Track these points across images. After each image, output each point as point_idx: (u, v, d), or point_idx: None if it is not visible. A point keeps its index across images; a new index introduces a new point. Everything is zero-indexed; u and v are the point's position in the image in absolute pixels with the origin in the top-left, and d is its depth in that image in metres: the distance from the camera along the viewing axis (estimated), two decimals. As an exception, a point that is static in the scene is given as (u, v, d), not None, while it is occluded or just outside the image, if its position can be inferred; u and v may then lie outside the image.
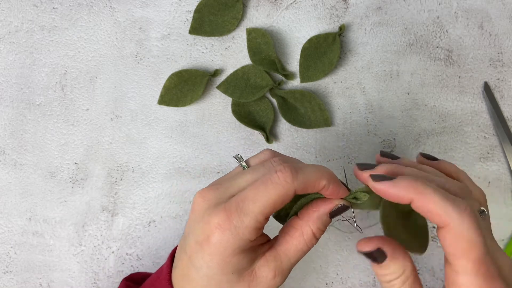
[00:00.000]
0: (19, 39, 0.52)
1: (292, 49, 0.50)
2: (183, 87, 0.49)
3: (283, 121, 0.48)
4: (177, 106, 0.49)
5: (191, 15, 0.50)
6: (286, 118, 0.47)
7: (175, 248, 0.33)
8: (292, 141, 0.48)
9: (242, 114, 0.48)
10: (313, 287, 0.45)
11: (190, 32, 0.50)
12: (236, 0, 0.50)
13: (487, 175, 0.46)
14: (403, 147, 0.47)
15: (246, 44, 0.49)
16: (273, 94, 0.48)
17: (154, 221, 0.47)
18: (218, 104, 0.49)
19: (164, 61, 0.50)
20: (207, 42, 0.50)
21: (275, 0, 0.51)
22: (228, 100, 0.49)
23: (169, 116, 0.49)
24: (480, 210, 0.28)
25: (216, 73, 0.49)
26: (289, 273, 0.30)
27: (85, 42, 0.51)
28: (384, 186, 0.26)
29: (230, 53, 0.50)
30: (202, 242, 0.28)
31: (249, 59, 0.49)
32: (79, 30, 0.52)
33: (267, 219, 0.28)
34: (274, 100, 0.48)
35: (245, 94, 0.48)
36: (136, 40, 0.51)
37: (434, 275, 0.44)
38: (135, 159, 0.48)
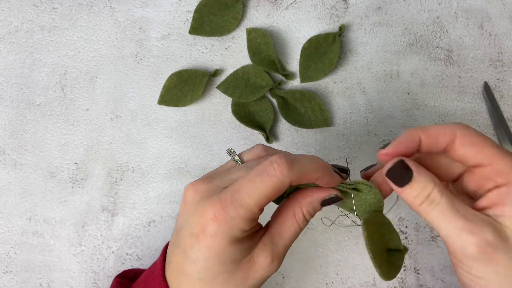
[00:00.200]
0: (19, 39, 0.52)
1: (292, 49, 0.50)
2: (183, 87, 0.49)
3: (283, 121, 0.48)
4: (177, 106, 0.49)
5: (191, 15, 0.50)
6: (286, 118, 0.47)
7: (168, 244, 0.33)
8: (292, 141, 0.48)
9: (242, 114, 0.48)
10: (313, 287, 0.45)
11: (190, 32, 0.50)
12: (236, 0, 0.50)
13: (487, 175, 0.46)
14: (403, 147, 0.47)
15: (246, 44, 0.49)
16: (273, 94, 0.48)
17: (154, 221, 0.47)
18: (218, 104, 0.49)
19: (164, 61, 0.50)
20: (207, 42, 0.50)
21: (275, 0, 0.51)
22: (228, 100, 0.49)
23: (169, 116, 0.49)
24: None
25: (216, 73, 0.49)
26: (284, 258, 0.30)
27: (85, 42, 0.51)
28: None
29: (230, 53, 0.50)
30: (198, 235, 0.27)
31: (249, 59, 0.49)
32: (79, 30, 0.52)
33: (262, 210, 0.28)
34: (274, 100, 0.48)
35: (245, 94, 0.48)
36: (136, 40, 0.51)
37: (434, 275, 0.44)
38: (135, 159, 0.48)
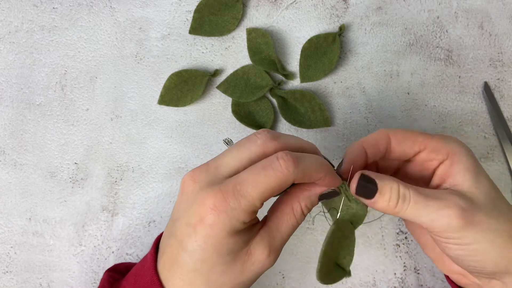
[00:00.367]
0: (19, 39, 0.52)
1: (292, 49, 0.50)
2: (183, 87, 0.49)
3: (283, 121, 0.48)
4: (177, 106, 0.49)
5: (191, 15, 0.50)
6: (286, 118, 0.47)
7: (160, 236, 0.32)
8: (292, 141, 0.48)
9: (242, 114, 0.48)
10: (313, 287, 0.45)
11: (190, 32, 0.50)
12: (236, 0, 0.50)
13: (487, 175, 0.46)
14: (403, 147, 0.47)
15: (246, 44, 0.49)
16: (273, 94, 0.48)
17: (154, 221, 0.47)
18: (218, 104, 0.49)
19: (164, 61, 0.50)
20: (207, 42, 0.50)
21: (275, 0, 0.51)
22: (228, 100, 0.49)
23: (169, 116, 0.49)
24: None
25: (216, 73, 0.49)
26: (280, 252, 0.30)
27: (85, 42, 0.51)
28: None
29: (230, 53, 0.50)
30: (196, 224, 0.27)
31: (249, 59, 0.49)
32: (79, 30, 0.52)
33: (262, 204, 0.28)
34: (274, 100, 0.48)
35: (245, 94, 0.48)
36: (136, 40, 0.51)
37: (434, 275, 0.44)
38: (135, 159, 0.48)
